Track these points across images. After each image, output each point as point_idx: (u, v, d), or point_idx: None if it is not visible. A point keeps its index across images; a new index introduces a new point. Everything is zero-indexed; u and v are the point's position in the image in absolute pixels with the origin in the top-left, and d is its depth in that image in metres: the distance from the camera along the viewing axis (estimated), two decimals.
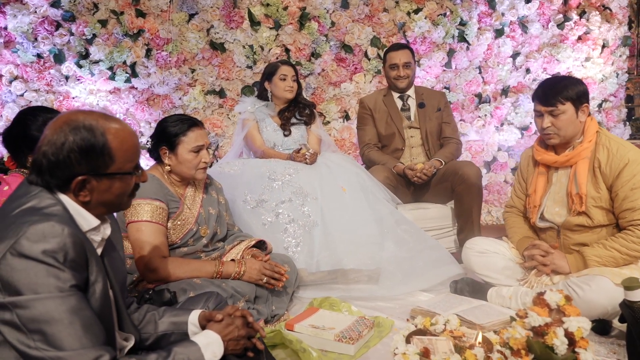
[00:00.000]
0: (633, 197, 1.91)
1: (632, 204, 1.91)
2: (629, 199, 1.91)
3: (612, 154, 1.96)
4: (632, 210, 1.91)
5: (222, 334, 1.26)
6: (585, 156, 2.02)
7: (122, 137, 1.14)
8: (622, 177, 1.92)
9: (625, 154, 1.93)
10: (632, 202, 1.91)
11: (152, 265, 1.84)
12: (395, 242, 2.51)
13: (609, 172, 1.95)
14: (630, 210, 1.91)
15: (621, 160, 1.93)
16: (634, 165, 1.91)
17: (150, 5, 3.57)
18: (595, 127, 2.04)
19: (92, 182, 1.12)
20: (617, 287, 1.75)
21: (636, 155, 1.93)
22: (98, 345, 1.03)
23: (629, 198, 1.91)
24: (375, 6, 3.89)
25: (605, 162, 1.96)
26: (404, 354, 1.62)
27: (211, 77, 3.74)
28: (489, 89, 4.14)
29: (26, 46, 3.41)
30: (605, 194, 1.98)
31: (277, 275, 2.00)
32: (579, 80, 2.07)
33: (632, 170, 1.91)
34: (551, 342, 1.32)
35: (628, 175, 1.91)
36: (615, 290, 1.74)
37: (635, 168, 1.91)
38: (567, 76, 2.11)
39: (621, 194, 1.93)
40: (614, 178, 1.94)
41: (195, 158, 1.95)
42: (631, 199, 1.91)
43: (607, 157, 1.96)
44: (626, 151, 1.94)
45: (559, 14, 4.12)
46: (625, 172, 1.92)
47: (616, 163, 1.94)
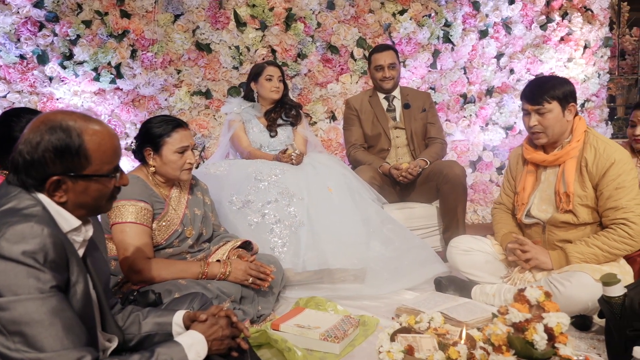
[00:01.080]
0: (617, 196, 1.94)
1: (616, 203, 1.94)
2: (613, 198, 1.94)
3: (599, 153, 1.98)
4: (615, 209, 1.94)
5: (206, 334, 1.27)
6: (573, 155, 2.05)
7: (99, 138, 1.13)
8: (607, 176, 1.95)
9: (611, 153, 1.96)
10: (615, 201, 1.94)
11: (137, 266, 1.83)
12: (381, 241, 2.53)
13: (595, 171, 1.98)
14: (614, 209, 1.94)
15: (607, 159, 1.95)
16: (619, 164, 1.94)
17: (135, 5, 3.55)
18: (583, 126, 2.07)
19: (68, 183, 1.12)
20: (597, 283, 1.78)
21: (622, 155, 1.96)
22: (79, 346, 1.03)
23: (613, 197, 1.94)
24: (361, 7, 3.90)
25: (592, 161, 1.99)
26: (389, 352, 1.64)
27: (197, 78, 3.73)
28: (474, 89, 4.18)
29: (9, 47, 3.37)
30: (591, 193, 2.01)
31: (262, 275, 2.00)
32: (567, 80, 2.10)
33: (617, 170, 1.94)
34: (531, 337, 1.34)
35: (613, 175, 1.94)
36: (595, 286, 1.77)
37: (621, 168, 1.94)
38: (555, 76, 2.13)
39: (606, 192, 1.96)
40: (600, 177, 1.97)
41: (180, 159, 1.94)
42: (615, 198, 1.94)
43: (594, 156, 1.99)
44: (613, 151, 1.97)
45: (541, 16, 4.18)
46: (611, 171, 1.94)
47: (602, 162, 1.96)
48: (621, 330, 1.47)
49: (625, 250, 1.93)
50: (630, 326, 1.44)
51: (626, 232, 1.90)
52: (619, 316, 1.47)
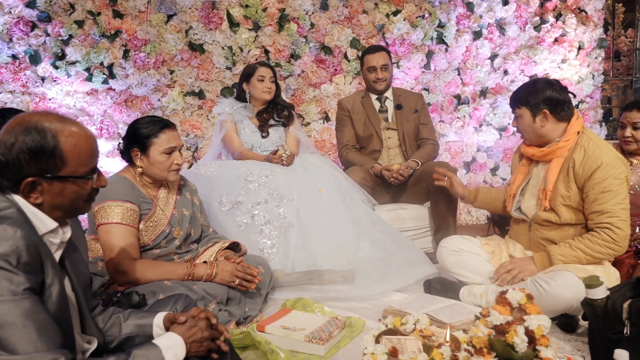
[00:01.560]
0: (602, 200, 1.93)
1: (601, 207, 1.93)
2: (598, 201, 1.93)
3: (587, 155, 1.98)
4: (600, 213, 1.93)
5: (184, 336, 1.26)
6: (560, 154, 2.05)
7: (75, 140, 1.13)
8: (593, 178, 1.94)
9: (599, 156, 1.94)
10: (600, 205, 1.93)
11: (122, 267, 1.83)
12: (370, 242, 2.53)
13: (581, 173, 1.98)
14: (598, 213, 1.94)
15: (594, 162, 1.94)
16: (606, 168, 1.92)
17: (127, 6, 3.55)
18: (578, 127, 2.05)
19: (43, 185, 1.11)
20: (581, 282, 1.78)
21: (611, 159, 1.94)
22: (53, 348, 1.03)
23: (598, 201, 1.93)
24: (354, 8, 3.90)
25: (580, 162, 1.98)
26: (373, 354, 1.63)
27: (190, 79, 3.72)
28: (468, 90, 4.18)
29: (1, 47, 3.37)
30: (576, 194, 2.00)
31: (249, 277, 2.00)
32: (546, 86, 2.05)
33: (604, 173, 1.92)
34: (512, 340, 1.33)
35: (599, 178, 1.93)
36: (580, 284, 1.76)
37: (608, 171, 1.92)
38: (539, 80, 2.12)
39: (591, 195, 1.95)
40: (586, 179, 1.96)
41: (167, 160, 1.94)
42: (600, 201, 1.93)
43: (583, 157, 1.98)
44: (601, 153, 1.95)
45: (535, 17, 4.18)
46: (597, 174, 1.93)
47: (589, 164, 1.95)
48: (603, 332, 1.47)
49: (608, 255, 1.93)
50: (612, 329, 1.44)
51: (610, 237, 1.90)
52: (602, 318, 1.47)
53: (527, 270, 2.03)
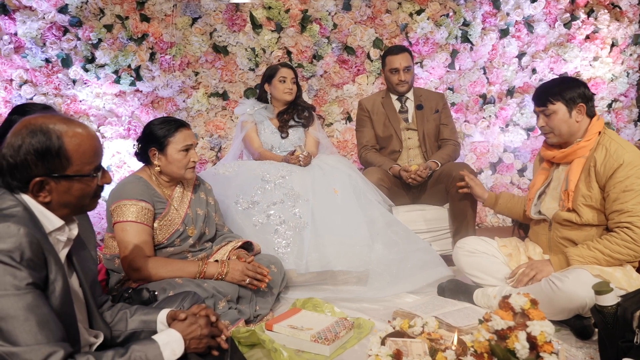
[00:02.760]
0: (623, 199, 1.88)
1: (621, 206, 1.88)
2: (619, 200, 1.89)
3: (609, 154, 1.94)
4: (620, 212, 1.88)
5: (184, 332, 1.29)
6: (582, 155, 2.02)
7: (79, 140, 1.18)
8: (615, 177, 1.90)
9: (621, 154, 1.91)
10: (621, 204, 1.88)
11: (136, 264, 1.89)
12: (385, 244, 2.51)
13: (602, 172, 1.93)
14: (618, 212, 1.89)
15: (616, 160, 1.90)
16: (628, 167, 1.88)
17: (154, 10, 3.64)
18: (599, 127, 2.02)
19: (51, 184, 1.17)
20: (595, 279, 1.74)
21: (633, 158, 1.90)
22: (53, 341, 1.07)
23: (619, 200, 1.89)
24: (377, 8, 3.88)
25: (601, 161, 1.94)
26: (377, 356, 1.63)
27: (214, 80, 3.79)
28: (494, 89, 4.09)
29: (35, 51, 3.52)
30: (597, 194, 1.96)
31: (259, 276, 2.02)
32: (578, 82, 2.06)
33: (626, 172, 1.88)
34: (512, 346, 1.31)
35: (621, 177, 1.88)
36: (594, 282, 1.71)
37: (630, 170, 1.88)
38: (566, 77, 2.12)
39: (612, 195, 1.90)
40: (607, 178, 1.92)
41: (184, 157, 2.00)
42: (621, 200, 1.88)
43: (604, 156, 1.94)
44: (623, 152, 1.91)
45: (565, 13, 4.05)
46: (619, 173, 1.89)
47: (611, 163, 1.91)
48: (613, 340, 1.42)
49: (628, 256, 1.87)
50: (622, 337, 1.39)
51: (630, 237, 1.84)
52: (611, 326, 1.42)
53: (544, 271, 1.98)
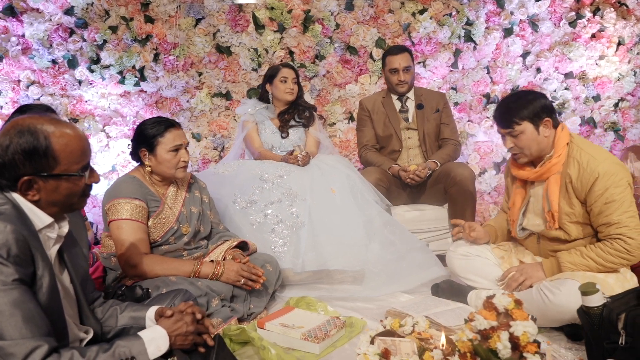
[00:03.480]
0: (607, 211, 1.85)
1: (607, 219, 1.86)
2: (604, 213, 1.86)
3: (582, 168, 1.90)
4: (608, 225, 1.86)
5: (169, 329, 1.32)
6: (556, 171, 1.97)
7: (66, 140, 1.21)
8: (594, 191, 1.86)
9: (595, 167, 1.87)
10: (607, 217, 1.86)
11: (132, 261, 1.92)
12: (381, 243, 2.52)
13: (580, 187, 1.90)
14: (606, 225, 1.87)
15: (591, 174, 1.87)
16: (604, 178, 1.85)
17: (158, 11, 3.68)
18: (565, 138, 1.97)
19: (39, 183, 1.20)
20: None
21: (607, 168, 1.86)
22: (38, 336, 1.10)
23: (604, 213, 1.86)
24: (380, 7, 3.88)
25: (576, 176, 1.91)
26: (365, 354, 1.64)
27: (217, 80, 3.83)
28: (498, 89, 4.07)
29: (42, 52, 3.58)
30: (579, 209, 1.93)
31: (254, 277, 2.05)
32: (537, 95, 2.00)
33: (603, 184, 1.85)
34: (494, 345, 1.31)
35: (600, 189, 1.85)
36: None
37: (607, 181, 1.84)
38: (524, 92, 2.01)
39: (595, 209, 1.88)
40: (586, 192, 1.89)
41: (174, 157, 2.02)
42: (606, 213, 1.86)
43: (578, 171, 1.91)
44: (597, 164, 1.87)
45: (571, 12, 4.00)
46: (596, 186, 1.86)
47: (586, 178, 1.88)
48: (599, 341, 1.41)
49: (621, 265, 1.86)
50: (607, 338, 1.39)
51: (623, 247, 1.82)
52: (597, 327, 1.42)
53: (535, 277, 1.97)
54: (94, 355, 1.16)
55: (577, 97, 4.11)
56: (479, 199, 3.83)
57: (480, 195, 3.91)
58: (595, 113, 4.15)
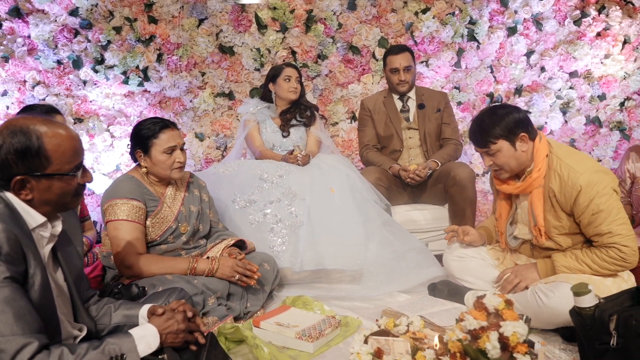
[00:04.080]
0: (596, 222, 1.83)
1: (598, 230, 1.84)
2: (593, 224, 1.84)
3: (563, 181, 1.88)
4: (600, 235, 1.84)
5: (160, 327, 1.34)
6: (537, 185, 1.95)
7: (59, 140, 1.23)
8: (578, 204, 1.85)
9: (576, 180, 1.84)
10: (596, 227, 1.84)
11: (128, 261, 1.94)
12: (379, 243, 2.52)
13: (564, 200, 1.89)
14: (599, 235, 1.85)
15: (573, 187, 1.85)
16: (587, 189, 1.82)
17: (162, 11, 3.71)
18: (544, 150, 1.94)
19: (32, 182, 1.22)
20: None
21: (588, 178, 1.83)
22: (29, 333, 1.12)
23: (593, 224, 1.84)
24: (382, 7, 3.88)
25: (559, 190, 1.89)
26: (358, 354, 1.65)
27: (220, 80, 3.85)
28: (502, 88, 4.05)
29: (47, 53, 3.63)
30: (567, 221, 1.92)
31: (249, 273, 2.06)
32: (509, 109, 1.95)
33: (587, 196, 1.82)
34: (484, 346, 1.31)
35: (585, 201, 1.83)
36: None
37: (590, 192, 1.82)
38: (496, 108, 1.95)
39: (584, 220, 1.86)
40: (572, 205, 1.87)
41: (168, 159, 2.03)
42: (595, 224, 1.84)
43: (560, 185, 1.89)
44: (577, 176, 1.84)
45: (575, 10, 3.97)
46: (580, 198, 1.84)
47: (569, 191, 1.86)
48: (591, 342, 1.41)
49: (617, 271, 1.84)
50: (599, 339, 1.38)
51: (618, 256, 1.80)
52: (589, 328, 1.41)
53: (529, 278, 1.96)
54: (84, 352, 1.18)
55: (582, 96, 4.08)
56: (482, 198, 3.81)
57: (483, 194, 3.89)
58: (600, 112, 4.11)
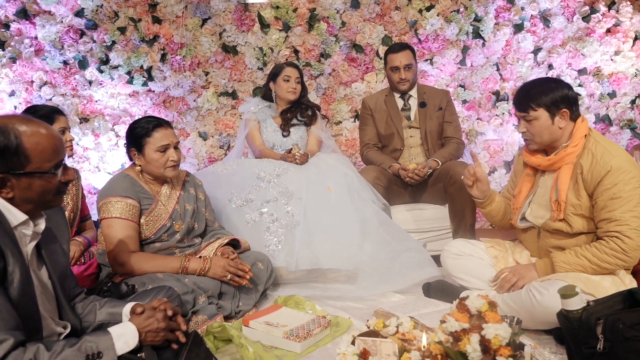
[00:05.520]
0: (611, 207, 1.79)
1: (610, 215, 1.80)
2: (607, 208, 1.80)
3: (595, 160, 1.84)
4: (609, 220, 1.80)
5: (140, 325, 1.34)
6: (569, 161, 1.92)
7: (37, 138, 1.24)
8: (602, 184, 1.81)
9: (608, 160, 1.81)
10: (609, 212, 1.80)
11: (120, 259, 1.96)
12: (376, 243, 2.50)
13: (590, 179, 1.85)
14: (607, 221, 1.81)
15: (604, 167, 1.81)
16: (616, 173, 1.79)
17: (165, 11, 3.74)
18: (584, 130, 1.93)
19: (12, 181, 1.23)
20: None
21: (621, 163, 1.80)
22: (5, 330, 1.13)
23: (607, 208, 1.80)
24: (386, 5, 3.85)
25: (588, 168, 1.86)
26: (344, 354, 1.64)
27: (223, 79, 3.86)
28: (508, 86, 3.98)
29: (54, 54, 3.68)
30: (586, 202, 1.87)
31: (241, 272, 2.06)
32: (562, 84, 1.94)
33: (613, 179, 1.79)
34: (464, 348, 1.29)
35: (609, 184, 1.80)
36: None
37: (618, 177, 1.79)
38: (549, 79, 1.97)
39: (600, 202, 1.82)
40: (595, 185, 1.83)
41: (162, 157, 2.04)
42: (609, 209, 1.80)
43: (591, 163, 1.85)
44: (610, 157, 1.82)
45: (584, 6, 3.89)
46: (606, 179, 1.80)
47: (598, 170, 1.82)
48: (578, 346, 1.37)
49: (616, 265, 1.79)
50: (586, 343, 1.35)
51: (619, 247, 1.76)
52: (577, 331, 1.38)
53: (527, 277, 1.92)
54: (60, 349, 1.18)
55: (592, 94, 3.99)
56: None
57: None
58: (610, 110, 4.02)
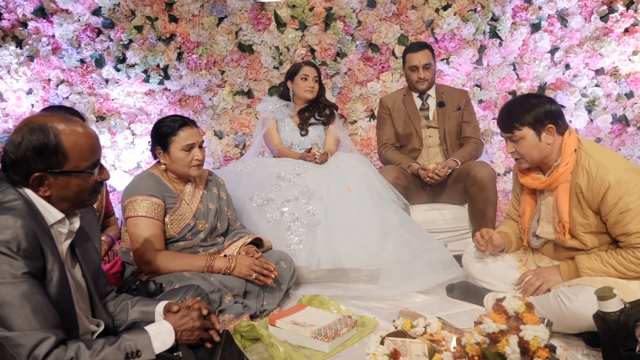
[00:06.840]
0: (624, 221, 1.77)
1: (625, 229, 1.78)
2: (621, 223, 1.78)
3: (591, 177, 1.82)
4: (627, 234, 1.78)
5: (176, 324, 1.34)
6: (564, 180, 1.90)
7: (76, 137, 1.24)
8: (606, 201, 1.79)
9: (605, 177, 1.78)
10: (624, 226, 1.78)
11: (146, 257, 1.96)
12: (397, 243, 2.49)
13: (591, 198, 1.83)
14: (626, 235, 1.79)
15: (602, 184, 1.79)
16: (616, 187, 1.76)
17: (182, 10, 3.74)
18: (573, 145, 1.89)
19: (50, 179, 1.23)
20: None
21: (618, 176, 1.77)
22: (46, 327, 1.14)
23: (621, 223, 1.78)
24: (403, 4, 3.84)
25: (586, 187, 1.83)
26: (374, 354, 1.63)
27: (239, 78, 3.86)
28: (525, 86, 3.96)
29: (71, 52, 3.69)
30: (594, 219, 1.85)
31: (266, 272, 2.06)
32: (543, 99, 1.90)
33: (616, 193, 1.76)
34: (503, 350, 1.28)
35: (613, 199, 1.77)
36: None
37: (619, 190, 1.76)
38: (529, 96, 1.91)
39: (611, 219, 1.80)
40: (599, 202, 1.81)
41: (187, 156, 2.04)
42: (622, 223, 1.78)
43: (587, 181, 1.83)
44: (606, 173, 1.78)
45: (602, 6, 3.86)
46: (608, 196, 1.78)
47: (597, 188, 1.80)
48: (615, 348, 1.36)
49: None
50: (624, 345, 1.33)
51: None
52: (614, 333, 1.36)
53: (551, 281, 1.90)
54: (100, 347, 1.19)
55: (609, 94, 3.97)
56: (503, 198, 3.74)
57: (505, 194, 3.82)
58: (627, 111, 3.99)
